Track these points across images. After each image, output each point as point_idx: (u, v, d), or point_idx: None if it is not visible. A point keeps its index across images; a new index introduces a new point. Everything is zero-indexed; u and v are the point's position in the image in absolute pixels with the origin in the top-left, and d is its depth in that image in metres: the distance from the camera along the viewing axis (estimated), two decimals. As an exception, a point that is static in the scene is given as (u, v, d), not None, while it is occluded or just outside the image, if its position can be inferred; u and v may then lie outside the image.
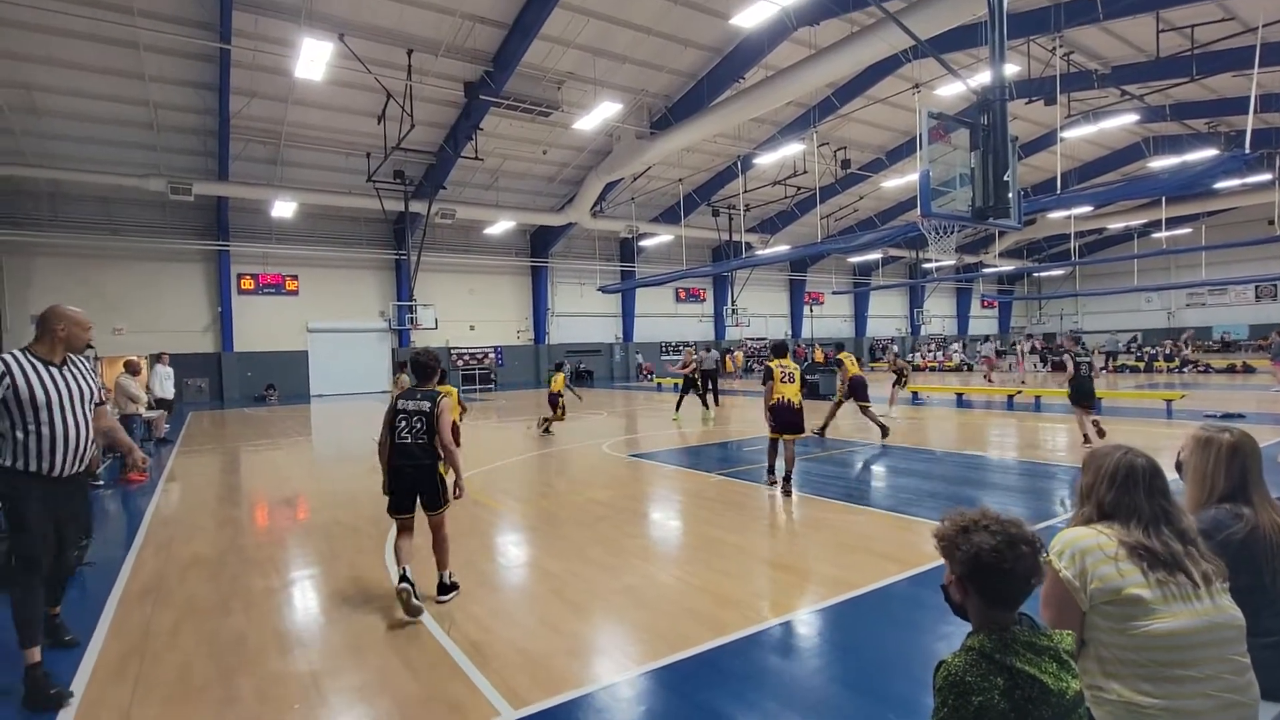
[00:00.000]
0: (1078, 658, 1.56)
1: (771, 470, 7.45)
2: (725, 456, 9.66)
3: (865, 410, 10.97)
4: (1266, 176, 22.95)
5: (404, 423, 4.14)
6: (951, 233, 8.15)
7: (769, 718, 2.83)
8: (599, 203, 25.33)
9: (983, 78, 7.13)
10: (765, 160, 22.20)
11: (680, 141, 19.21)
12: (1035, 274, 44.02)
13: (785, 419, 7.08)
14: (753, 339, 35.70)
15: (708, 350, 17.91)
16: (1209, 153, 20.23)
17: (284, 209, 21.18)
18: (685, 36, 17.47)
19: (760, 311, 35.86)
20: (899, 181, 25.87)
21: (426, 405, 4.15)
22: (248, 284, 23.62)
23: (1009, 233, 32.44)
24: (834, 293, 38.86)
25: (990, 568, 1.39)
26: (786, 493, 6.94)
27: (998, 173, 6.88)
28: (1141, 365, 27.99)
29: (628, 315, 32.85)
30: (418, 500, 4.19)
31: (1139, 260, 35.00)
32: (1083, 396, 9.34)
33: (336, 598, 4.38)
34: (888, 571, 4.52)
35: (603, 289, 29.32)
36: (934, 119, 6.81)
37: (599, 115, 15.90)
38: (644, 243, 29.74)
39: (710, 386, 17.22)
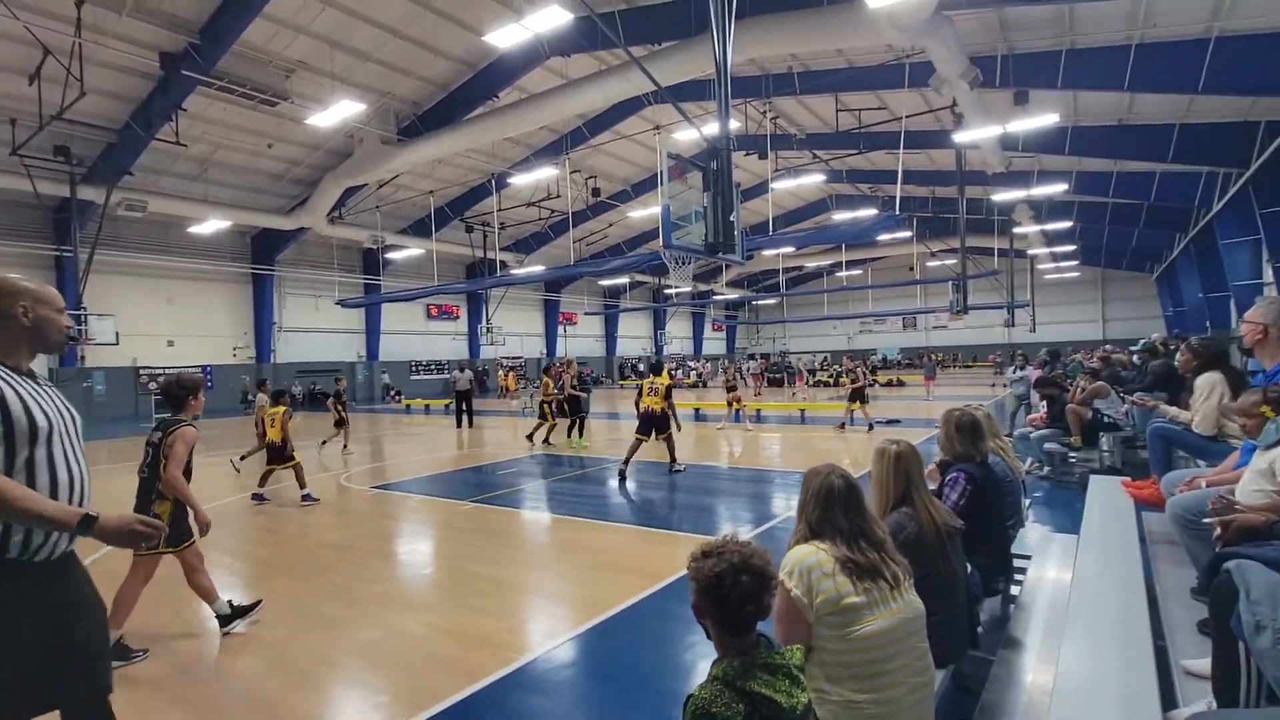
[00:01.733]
0: (805, 665, 1.72)
1: (627, 463, 8.74)
2: (479, 482, 9.31)
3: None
4: (907, 234, 29.64)
5: (143, 455, 3.91)
6: (689, 262, 8.96)
7: (523, 765, 2.70)
8: (338, 208, 23.07)
9: (711, 129, 8.08)
10: (520, 180, 22.33)
11: (430, 152, 18.41)
12: (753, 302, 50.91)
13: (647, 423, 9.06)
14: (509, 358, 35.44)
15: (461, 370, 17.35)
16: (871, 212, 25.43)
17: None
18: (436, 45, 16.83)
19: (516, 330, 35.78)
20: (643, 213, 27.92)
21: (158, 436, 3.88)
22: None
23: (733, 265, 37.03)
24: (586, 314, 40.45)
25: (709, 593, 1.45)
26: (676, 472, 8.96)
27: (725, 213, 7.73)
28: (831, 380, 33.87)
29: (372, 332, 30.33)
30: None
31: (828, 294, 42.54)
32: (864, 397, 13.74)
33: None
34: (638, 587, 4.68)
35: (342, 303, 26.65)
36: (672, 159, 7.42)
37: (337, 113, 14.44)
38: (391, 255, 27.77)
39: (466, 408, 16.65)
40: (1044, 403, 8.47)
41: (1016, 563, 3.47)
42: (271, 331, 26.49)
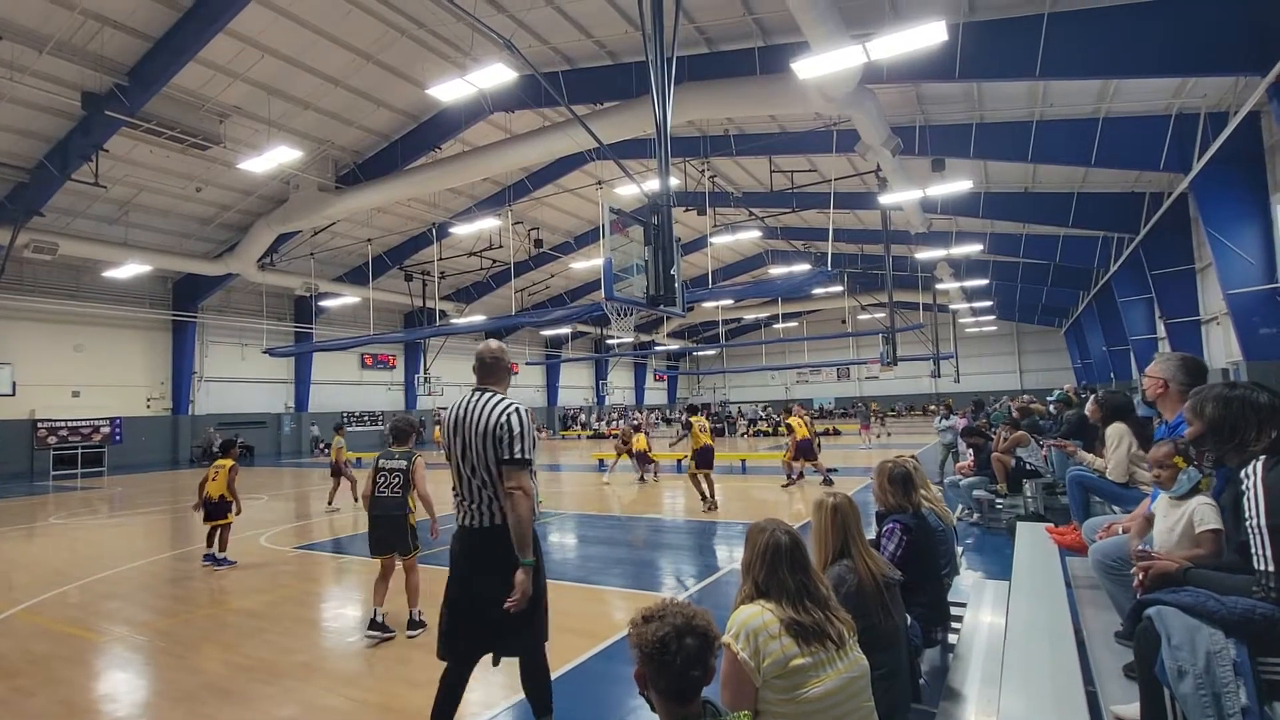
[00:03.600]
0: (750, 730, 1.67)
1: (711, 495, 10.28)
2: (413, 540, 8.88)
3: (817, 468, 13.01)
4: (839, 288, 30.99)
5: (383, 479, 4.99)
6: (631, 314, 9.05)
7: None
8: (270, 254, 22.33)
9: (652, 185, 8.30)
10: (461, 230, 22.28)
11: (370, 200, 18.21)
12: (694, 353, 51.72)
13: (706, 458, 10.48)
14: (446, 409, 34.54)
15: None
16: (805, 267, 26.47)
17: None
18: (379, 96, 16.85)
19: (455, 380, 34.98)
20: (585, 264, 28.20)
21: (404, 464, 5.02)
22: None
23: (674, 317, 37.66)
24: (528, 363, 40.09)
25: (653, 659, 1.40)
26: (712, 508, 10.05)
27: (666, 266, 7.88)
28: (770, 430, 34.41)
29: (302, 382, 29.08)
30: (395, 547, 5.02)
31: (766, 345, 43.69)
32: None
33: None
34: (579, 649, 4.52)
35: (271, 351, 25.53)
36: (614, 214, 7.56)
37: (273, 159, 14.13)
38: (326, 303, 26.94)
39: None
40: (971, 451, 8.84)
41: (953, 610, 3.54)
42: (191, 381, 25.04)
